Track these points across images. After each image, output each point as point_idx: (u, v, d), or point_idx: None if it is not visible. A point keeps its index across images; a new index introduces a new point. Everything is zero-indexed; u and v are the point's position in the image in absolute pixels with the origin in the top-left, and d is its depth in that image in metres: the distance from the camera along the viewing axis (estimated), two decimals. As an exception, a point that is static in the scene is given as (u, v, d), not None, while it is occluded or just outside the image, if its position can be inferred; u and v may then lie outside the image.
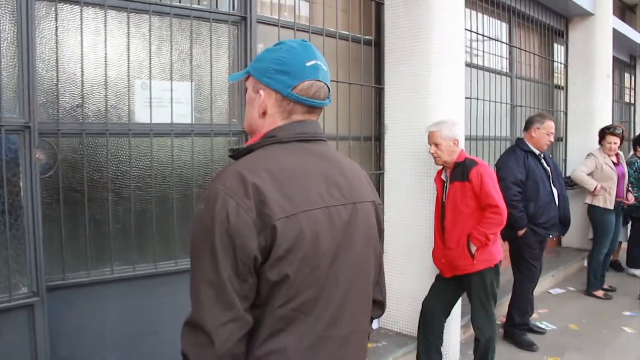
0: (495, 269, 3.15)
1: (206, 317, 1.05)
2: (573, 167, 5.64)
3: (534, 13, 6.12)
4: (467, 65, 4.41)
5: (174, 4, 2.77)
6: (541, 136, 3.98)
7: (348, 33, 3.65)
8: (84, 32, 2.45)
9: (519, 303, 4.09)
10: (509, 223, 3.15)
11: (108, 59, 2.54)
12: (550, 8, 6.42)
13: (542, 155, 4.05)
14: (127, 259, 2.66)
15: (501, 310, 4.25)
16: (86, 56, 2.48)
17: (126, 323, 2.64)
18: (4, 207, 2.09)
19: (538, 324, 4.40)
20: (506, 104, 5.67)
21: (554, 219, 4.00)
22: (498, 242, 3.19)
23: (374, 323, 1.49)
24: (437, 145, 3.16)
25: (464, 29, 3.93)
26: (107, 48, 2.53)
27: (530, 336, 4.08)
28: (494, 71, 5.44)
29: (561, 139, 6.85)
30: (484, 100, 5.04)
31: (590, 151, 5.45)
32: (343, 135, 3.62)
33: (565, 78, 6.95)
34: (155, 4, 2.68)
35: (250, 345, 1.11)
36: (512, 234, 3.88)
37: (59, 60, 2.40)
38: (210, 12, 2.88)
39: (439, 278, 3.32)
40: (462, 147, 3.23)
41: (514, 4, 5.67)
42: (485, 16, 5.20)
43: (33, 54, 2.15)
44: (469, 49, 4.93)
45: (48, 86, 2.39)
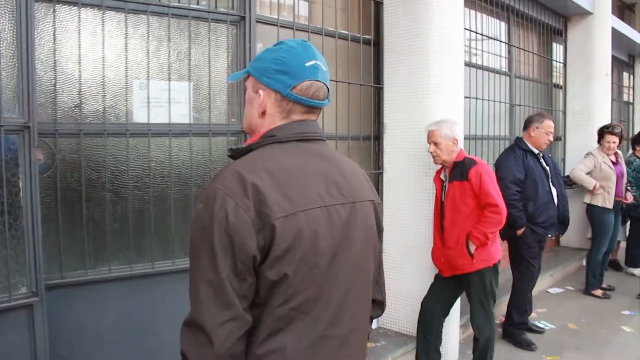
0: (494, 269, 3.15)
1: (205, 317, 1.05)
2: (572, 167, 5.64)
3: (533, 12, 6.12)
4: (466, 64, 4.41)
5: (172, 4, 2.77)
6: (540, 135, 3.98)
7: (347, 32, 3.65)
8: (82, 33, 2.46)
9: (518, 302, 4.09)
10: (507, 222, 3.15)
11: (106, 59, 2.55)
12: (549, 7, 6.43)
13: (542, 154, 4.05)
14: (125, 259, 2.66)
15: (500, 309, 4.25)
16: (84, 57, 2.49)
17: (124, 322, 2.64)
18: (4, 207, 2.09)
19: (537, 323, 4.40)
20: (505, 103, 5.67)
21: (553, 218, 4.00)
22: (497, 242, 3.19)
23: (373, 323, 1.49)
24: (437, 144, 3.16)
25: (463, 28, 3.93)
26: (105, 49, 2.54)
27: (529, 335, 4.08)
28: (493, 70, 5.44)
29: (560, 138, 6.85)
30: (483, 99, 5.04)
31: (589, 150, 5.46)
32: (342, 134, 3.62)
33: (564, 77, 6.96)
34: (153, 4, 2.68)
35: (250, 344, 1.11)
36: (511, 234, 3.88)
37: (57, 60, 2.42)
38: (209, 12, 2.88)
39: (438, 277, 3.33)
40: (461, 147, 3.23)
41: (512, 3, 5.67)
42: (484, 15, 5.20)
43: (32, 54, 2.15)
44: (467, 48, 4.93)
45: (46, 87, 2.40)
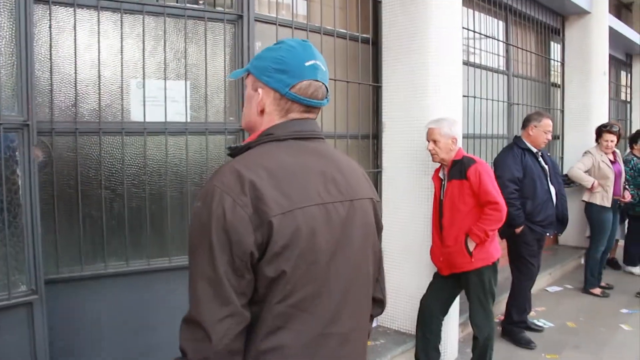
0: (493, 267, 3.16)
1: (203, 313, 1.06)
2: (570, 165, 5.65)
3: (530, 11, 6.13)
4: (464, 63, 4.42)
5: (168, 3, 2.78)
6: (538, 134, 3.99)
7: (346, 31, 3.65)
8: (78, 33, 2.49)
9: (517, 301, 4.10)
10: (506, 221, 3.16)
11: (102, 59, 2.58)
12: (547, 6, 6.44)
13: (540, 153, 4.06)
14: (122, 256, 2.69)
15: (499, 308, 4.26)
16: (80, 57, 2.52)
17: (121, 318, 2.67)
18: (3, 205, 2.09)
19: (536, 321, 4.41)
20: (503, 102, 5.68)
21: (551, 217, 4.01)
22: (496, 241, 3.20)
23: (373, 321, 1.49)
24: (436, 142, 3.16)
25: (461, 27, 3.93)
26: (101, 48, 2.57)
27: (528, 334, 4.09)
28: (491, 69, 5.45)
29: (558, 137, 6.86)
30: (481, 98, 5.05)
31: (587, 149, 5.47)
32: (341, 133, 3.62)
33: (562, 76, 6.97)
34: (148, 4, 2.69)
35: (250, 341, 1.11)
36: (510, 232, 3.89)
37: (54, 60, 2.45)
38: (205, 12, 2.88)
39: (437, 276, 3.33)
40: (460, 146, 3.24)
41: (510, 2, 5.68)
42: (482, 14, 5.22)
43: (31, 52, 2.15)
44: (466, 47, 4.94)
45: (43, 86, 2.44)
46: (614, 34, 7.42)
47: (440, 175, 3.28)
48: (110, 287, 2.64)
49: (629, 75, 10.15)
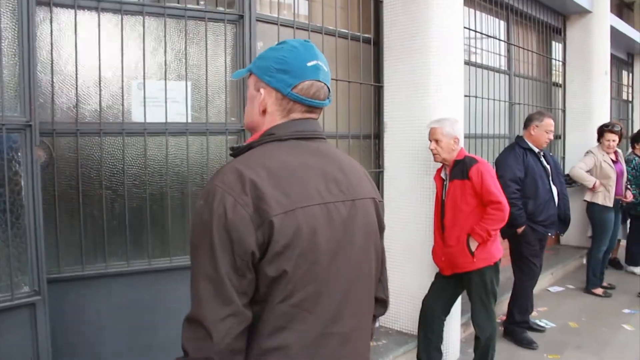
0: (495, 267, 3.15)
1: (205, 313, 1.06)
2: (571, 165, 5.64)
3: (531, 11, 6.13)
4: (466, 63, 4.42)
5: (168, 4, 2.78)
6: (540, 134, 3.98)
7: (347, 31, 3.66)
8: (79, 35, 2.51)
9: (520, 301, 4.09)
10: (508, 221, 3.16)
11: (103, 60, 2.59)
12: (548, 6, 6.43)
13: (542, 153, 4.05)
14: (122, 255, 2.70)
15: (501, 308, 4.26)
16: (81, 58, 2.53)
17: (121, 317, 2.68)
18: (6, 206, 2.09)
19: (537, 322, 4.40)
20: (504, 101, 5.68)
21: (553, 217, 4.01)
22: (498, 241, 3.20)
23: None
24: (438, 142, 3.16)
25: (463, 27, 3.93)
26: (102, 50, 2.57)
27: (530, 334, 4.08)
28: (492, 69, 5.45)
29: (559, 137, 6.85)
30: (483, 98, 5.05)
31: (589, 149, 5.46)
32: (342, 133, 3.62)
33: (563, 76, 6.97)
34: (148, 5, 2.70)
35: (253, 340, 1.12)
36: (512, 232, 3.88)
37: (55, 62, 2.47)
38: (205, 12, 2.88)
39: (438, 276, 3.33)
40: (462, 146, 3.23)
41: (512, 1, 5.68)
42: (483, 14, 5.21)
43: (34, 53, 2.16)
44: (467, 47, 4.94)
45: (44, 87, 2.45)
46: (615, 33, 7.41)
47: (442, 175, 3.28)
48: (111, 287, 2.65)
49: (631, 75, 10.13)
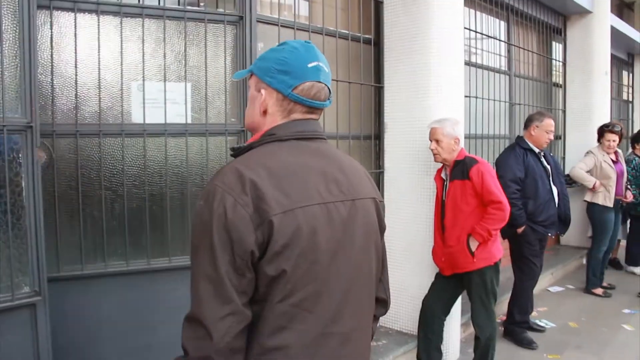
0: (495, 267, 3.16)
1: (205, 312, 1.07)
2: (572, 165, 5.65)
3: (532, 11, 6.13)
4: (466, 63, 4.42)
5: (168, 6, 2.79)
6: (540, 134, 3.99)
7: (348, 32, 3.66)
8: (78, 37, 2.52)
9: (520, 301, 4.10)
10: (508, 221, 3.16)
11: (103, 62, 2.60)
12: (549, 6, 6.43)
13: (542, 153, 4.06)
14: (122, 256, 2.71)
15: (501, 308, 4.26)
16: (81, 60, 2.55)
17: (121, 317, 2.68)
18: (7, 207, 2.10)
19: (537, 322, 4.41)
20: (505, 102, 5.68)
21: (553, 217, 4.01)
22: (498, 241, 3.20)
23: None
24: (438, 142, 3.16)
25: (463, 28, 3.94)
26: (102, 52, 2.59)
27: (530, 334, 4.08)
28: (493, 69, 5.45)
29: (560, 137, 6.86)
30: (483, 98, 5.05)
31: (589, 149, 5.46)
32: (343, 134, 3.63)
33: (564, 76, 6.97)
34: (148, 7, 2.70)
35: (253, 339, 1.12)
36: (512, 232, 3.89)
37: (55, 64, 2.49)
38: (205, 13, 2.89)
39: (438, 276, 3.33)
40: (462, 147, 3.24)
41: (512, 2, 5.68)
42: (483, 14, 5.22)
43: (34, 55, 2.17)
44: (467, 47, 4.94)
45: (45, 89, 2.47)
46: (615, 34, 7.41)
47: (443, 175, 3.28)
48: (110, 287, 2.66)
49: (631, 75, 10.14)
